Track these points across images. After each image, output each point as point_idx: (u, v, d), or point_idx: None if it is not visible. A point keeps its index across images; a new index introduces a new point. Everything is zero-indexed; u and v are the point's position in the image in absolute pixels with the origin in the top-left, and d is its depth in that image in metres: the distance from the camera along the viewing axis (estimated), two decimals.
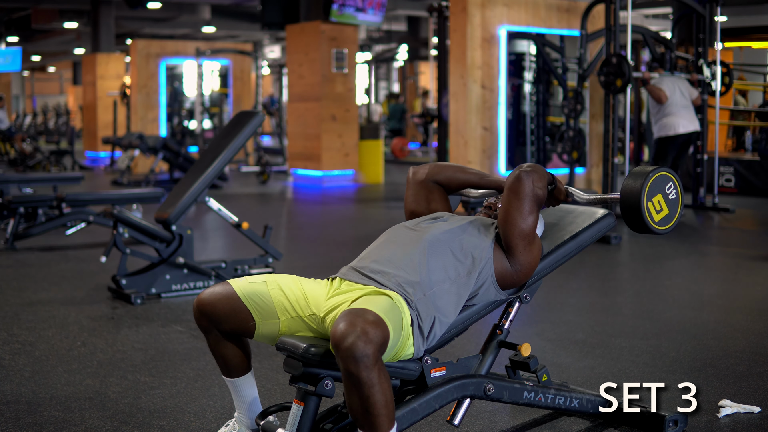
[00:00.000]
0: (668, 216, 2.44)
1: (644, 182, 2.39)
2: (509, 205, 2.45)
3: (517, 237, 2.45)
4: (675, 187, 2.44)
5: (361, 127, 12.88)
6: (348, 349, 2.04)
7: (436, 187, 2.73)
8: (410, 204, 2.73)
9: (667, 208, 2.43)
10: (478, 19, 8.70)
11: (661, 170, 2.41)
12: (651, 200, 2.39)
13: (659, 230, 2.43)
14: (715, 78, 8.66)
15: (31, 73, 36.23)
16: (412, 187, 2.74)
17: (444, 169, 2.74)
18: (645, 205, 2.38)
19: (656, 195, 2.41)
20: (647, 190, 2.39)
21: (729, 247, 6.97)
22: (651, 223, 2.40)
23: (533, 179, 2.45)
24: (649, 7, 16.42)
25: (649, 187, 2.39)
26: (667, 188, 2.43)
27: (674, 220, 2.45)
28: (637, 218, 2.40)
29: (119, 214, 4.88)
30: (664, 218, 2.43)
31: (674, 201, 2.44)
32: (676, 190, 2.44)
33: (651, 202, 2.39)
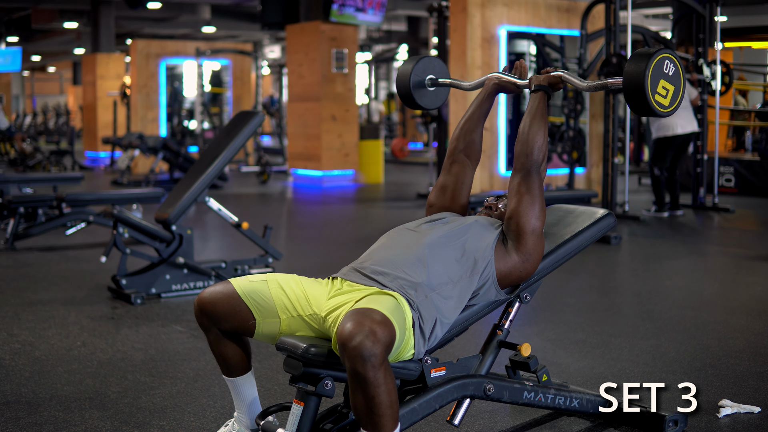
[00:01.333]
0: (675, 92, 2.40)
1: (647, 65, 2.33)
2: (522, 201, 2.49)
3: (531, 233, 2.49)
4: (671, 61, 2.39)
5: (361, 127, 12.88)
6: (356, 349, 2.04)
7: (463, 165, 2.76)
8: (432, 196, 2.78)
9: (672, 84, 2.39)
10: (478, 19, 8.71)
11: (660, 53, 2.37)
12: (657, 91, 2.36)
13: (667, 111, 2.40)
14: (715, 78, 8.67)
15: (31, 73, 36.24)
16: (441, 177, 2.79)
17: (455, 134, 2.78)
18: (650, 91, 2.34)
19: (659, 81, 2.37)
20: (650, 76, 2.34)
21: (729, 247, 6.97)
22: (660, 109, 2.37)
23: (542, 173, 2.52)
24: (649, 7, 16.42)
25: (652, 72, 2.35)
26: (665, 68, 2.38)
27: (681, 92, 2.41)
28: (642, 102, 2.36)
29: (119, 214, 4.88)
30: (672, 96, 2.40)
31: (675, 74, 2.40)
32: (674, 63, 2.40)
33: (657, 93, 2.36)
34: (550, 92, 2.60)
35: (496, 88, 2.76)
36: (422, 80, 2.91)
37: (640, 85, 2.34)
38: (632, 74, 2.36)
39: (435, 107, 2.97)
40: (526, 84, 2.69)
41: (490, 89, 2.76)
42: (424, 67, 2.90)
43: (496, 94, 2.78)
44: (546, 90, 2.59)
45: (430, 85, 2.92)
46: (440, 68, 2.94)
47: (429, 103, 2.94)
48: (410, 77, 2.87)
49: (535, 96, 2.58)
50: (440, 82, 2.92)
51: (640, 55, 2.37)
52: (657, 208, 8.31)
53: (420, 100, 2.92)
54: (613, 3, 7.82)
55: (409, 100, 2.92)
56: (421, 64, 2.90)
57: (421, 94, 2.92)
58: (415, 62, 2.89)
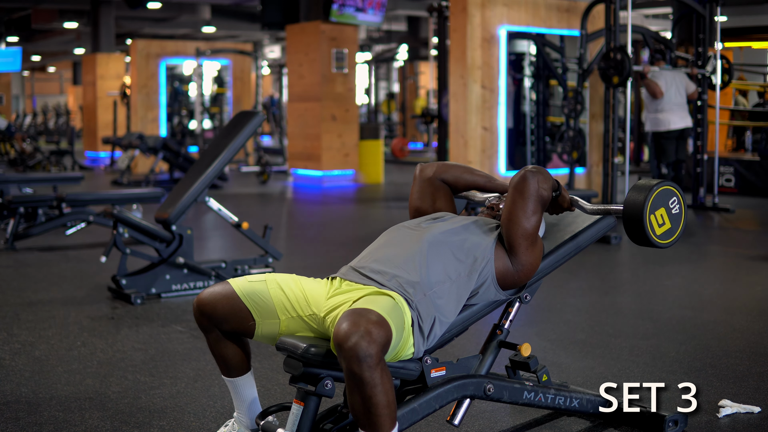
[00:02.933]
0: (670, 230, 2.45)
1: (648, 195, 2.39)
2: (513, 204, 2.44)
3: (521, 236, 2.44)
4: (678, 201, 2.45)
5: (361, 127, 12.88)
6: (351, 349, 2.04)
7: (442, 185, 2.72)
8: (415, 201, 2.72)
9: (670, 222, 2.44)
10: (478, 19, 8.70)
11: (664, 184, 2.42)
12: (654, 213, 2.40)
13: (660, 244, 2.44)
14: (716, 72, 8.66)
15: (31, 73, 36.23)
16: (418, 184, 2.73)
17: (452, 168, 2.73)
18: (648, 219, 2.39)
19: (659, 209, 2.42)
20: (650, 204, 2.40)
21: (729, 247, 6.97)
22: (653, 237, 2.41)
23: (538, 180, 2.45)
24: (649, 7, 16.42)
25: (653, 201, 2.40)
26: (671, 202, 2.44)
27: (676, 235, 2.46)
28: (639, 231, 2.41)
29: (119, 214, 4.88)
30: (666, 232, 2.44)
31: (677, 216, 2.45)
32: (680, 205, 2.45)
33: (654, 216, 2.40)
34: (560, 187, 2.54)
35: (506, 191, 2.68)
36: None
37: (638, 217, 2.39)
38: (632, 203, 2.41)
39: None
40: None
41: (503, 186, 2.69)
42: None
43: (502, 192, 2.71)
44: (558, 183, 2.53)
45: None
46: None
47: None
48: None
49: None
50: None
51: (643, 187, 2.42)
52: None
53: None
54: (613, 3, 7.82)
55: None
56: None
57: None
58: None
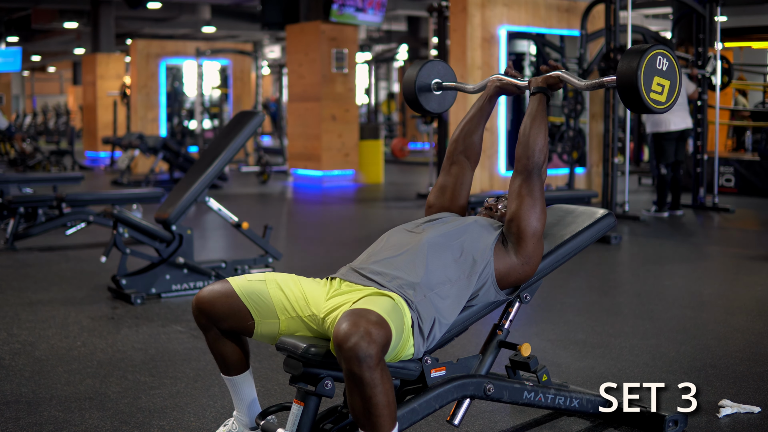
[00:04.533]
0: (671, 87, 2.40)
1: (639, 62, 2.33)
2: (523, 203, 2.49)
3: (532, 235, 2.49)
4: (665, 56, 2.38)
5: (361, 127, 12.88)
6: (351, 350, 2.04)
7: (462, 167, 2.75)
8: (431, 197, 2.78)
9: (667, 79, 2.39)
10: (478, 19, 8.70)
11: (652, 49, 2.36)
12: (651, 89, 2.35)
13: (665, 108, 2.40)
14: (715, 72, 8.66)
15: (31, 73, 36.23)
16: (440, 177, 2.78)
17: (455, 136, 2.77)
18: (642, 84, 2.34)
19: (653, 78, 2.36)
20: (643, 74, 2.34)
21: (729, 247, 6.97)
22: (656, 106, 2.37)
23: (543, 174, 2.51)
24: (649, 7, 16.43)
25: (644, 70, 2.34)
26: (659, 64, 2.38)
27: (677, 87, 2.41)
28: (635, 99, 2.36)
29: (119, 214, 4.88)
30: (668, 92, 2.40)
31: (670, 69, 2.39)
32: (667, 58, 2.39)
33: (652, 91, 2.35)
34: (549, 93, 2.60)
35: (498, 91, 2.76)
36: (428, 84, 2.90)
37: (633, 83, 2.34)
38: (625, 72, 2.35)
39: (442, 111, 2.96)
40: (526, 85, 2.68)
41: (491, 91, 2.76)
42: (429, 71, 2.90)
43: (498, 96, 2.77)
44: (545, 91, 2.59)
45: (436, 89, 2.91)
46: (445, 72, 2.93)
47: (436, 107, 2.93)
48: (416, 81, 2.87)
49: (535, 98, 2.58)
50: (445, 85, 2.91)
51: (633, 52, 2.37)
52: (657, 207, 8.31)
53: (426, 104, 2.91)
54: (613, 3, 7.82)
55: (415, 105, 2.91)
56: (426, 68, 2.89)
57: (427, 99, 2.91)
58: (420, 66, 2.88)
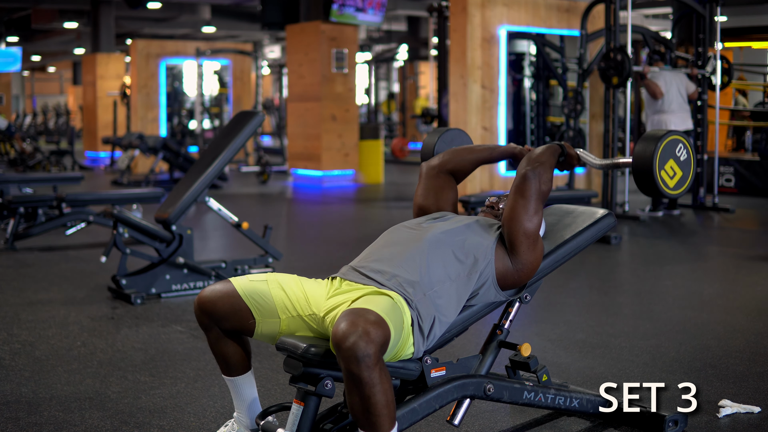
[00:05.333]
0: (682, 178, 2.45)
1: (656, 146, 2.39)
2: (515, 204, 2.46)
3: (522, 236, 2.46)
4: (685, 147, 2.45)
5: (361, 127, 12.88)
6: (349, 349, 2.04)
7: (448, 179, 2.74)
8: (419, 198, 2.75)
9: (680, 170, 2.44)
10: (478, 19, 8.70)
11: (671, 134, 2.43)
12: (664, 168, 2.41)
13: (672, 194, 2.45)
14: (715, 72, 8.66)
15: (31, 73, 36.23)
16: (424, 181, 2.76)
17: (453, 154, 2.76)
18: (657, 170, 2.39)
19: (668, 161, 2.41)
20: (659, 155, 2.39)
21: (729, 247, 6.97)
22: (664, 188, 2.42)
23: (540, 178, 2.46)
24: (649, 7, 16.43)
25: (661, 152, 2.40)
26: (677, 150, 2.44)
27: (688, 181, 2.46)
28: (649, 183, 2.42)
29: (119, 214, 4.88)
30: (679, 181, 2.44)
31: (686, 161, 2.45)
32: (687, 150, 2.45)
33: (665, 171, 2.41)
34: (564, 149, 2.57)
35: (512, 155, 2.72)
36: None
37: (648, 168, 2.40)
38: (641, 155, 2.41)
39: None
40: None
41: (505, 152, 2.73)
42: (450, 139, 2.93)
43: (509, 158, 2.74)
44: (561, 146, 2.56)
45: None
46: (463, 140, 2.97)
47: None
48: (434, 148, 2.89)
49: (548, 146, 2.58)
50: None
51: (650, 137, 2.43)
52: (652, 207, 8.31)
53: None
54: (613, 3, 7.82)
55: None
56: (446, 136, 2.92)
57: None
58: (440, 134, 2.91)
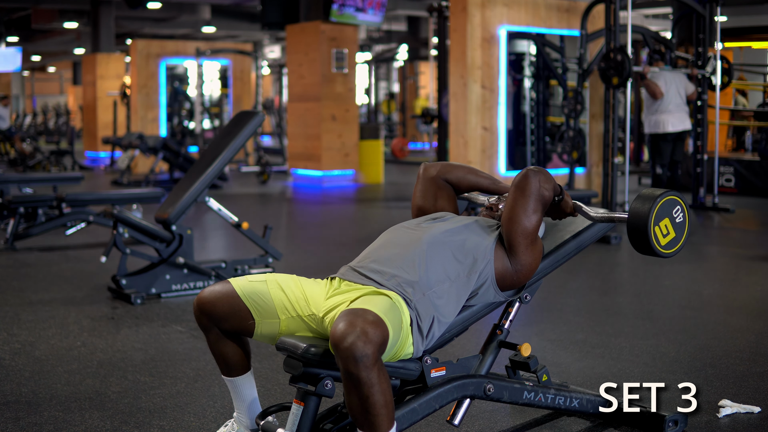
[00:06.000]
0: (674, 239, 2.45)
1: (652, 206, 2.40)
2: (514, 202, 2.45)
3: (520, 235, 2.44)
4: (682, 210, 2.46)
5: (361, 127, 12.89)
6: (347, 349, 2.04)
7: (446, 185, 2.74)
8: (418, 200, 2.74)
9: (674, 231, 2.45)
10: (478, 19, 8.70)
11: (669, 194, 2.43)
12: (658, 225, 2.41)
13: (665, 254, 2.44)
14: (715, 72, 8.66)
15: (31, 73, 36.22)
16: (421, 183, 2.75)
17: (455, 168, 2.75)
18: (652, 230, 2.40)
19: (663, 219, 2.42)
20: (655, 214, 2.40)
21: (729, 247, 6.97)
22: (657, 247, 2.42)
23: (540, 179, 2.45)
24: (649, 7, 16.43)
25: (657, 211, 2.40)
26: (674, 212, 2.44)
27: (680, 244, 2.47)
28: (643, 242, 2.41)
29: (119, 214, 4.88)
30: (671, 242, 2.44)
31: (681, 224, 2.46)
32: (683, 213, 2.46)
33: (658, 227, 2.41)
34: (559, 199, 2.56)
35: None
36: None
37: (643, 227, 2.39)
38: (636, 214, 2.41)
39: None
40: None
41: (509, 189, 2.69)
42: None
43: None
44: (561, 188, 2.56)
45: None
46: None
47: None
48: None
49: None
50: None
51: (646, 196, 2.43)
52: None
53: None
54: (613, 3, 7.82)
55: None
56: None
57: None
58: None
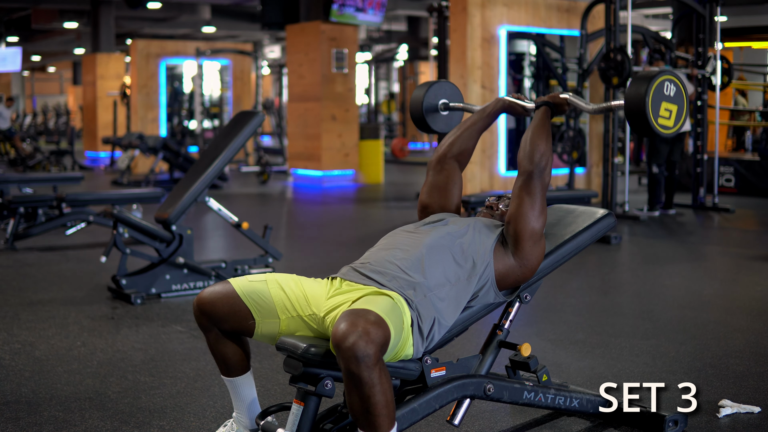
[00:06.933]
0: (678, 111, 2.43)
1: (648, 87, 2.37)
2: (522, 202, 2.48)
3: (529, 237, 2.48)
4: (671, 82, 2.42)
5: (361, 127, 12.89)
6: (349, 349, 2.04)
7: (453, 171, 2.74)
8: (424, 196, 2.75)
9: (674, 104, 2.42)
10: (478, 19, 8.71)
11: (661, 75, 2.40)
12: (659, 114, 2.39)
13: (670, 132, 2.43)
14: (715, 72, 8.66)
15: (31, 73, 36.23)
16: (429, 178, 2.76)
17: (453, 134, 2.76)
18: (650, 110, 2.37)
19: (661, 103, 2.40)
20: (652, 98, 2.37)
21: (729, 247, 6.97)
22: (659, 128, 2.40)
23: (543, 172, 2.49)
24: (649, 7, 16.43)
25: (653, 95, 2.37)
26: (666, 90, 2.41)
27: (685, 111, 2.44)
28: (643, 123, 2.39)
29: (119, 214, 4.88)
30: (676, 116, 2.43)
31: (677, 94, 2.43)
32: (674, 83, 2.42)
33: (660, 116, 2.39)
34: (553, 108, 2.61)
35: (503, 108, 2.76)
36: (435, 105, 2.93)
37: (641, 109, 2.37)
38: (633, 97, 2.39)
39: (448, 131, 2.97)
40: (533, 107, 2.70)
41: (496, 107, 2.77)
42: (437, 92, 2.92)
43: (501, 112, 2.78)
44: (549, 105, 2.60)
45: (443, 109, 2.94)
46: (452, 92, 2.96)
47: (442, 126, 2.97)
48: (423, 102, 2.89)
49: (539, 111, 2.61)
50: (452, 106, 2.94)
51: (641, 78, 2.41)
52: (648, 207, 8.32)
53: (433, 124, 2.94)
54: (613, 3, 7.82)
55: (422, 124, 2.94)
56: (434, 89, 2.92)
57: (434, 119, 2.94)
58: (427, 87, 2.91)
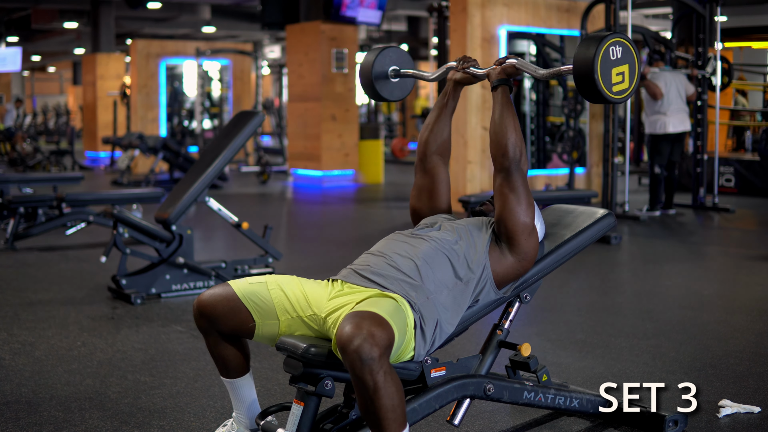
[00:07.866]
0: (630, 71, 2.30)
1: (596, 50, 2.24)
2: (507, 200, 2.46)
3: (522, 232, 2.47)
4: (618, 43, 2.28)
5: (361, 127, 12.89)
6: (354, 352, 2.04)
7: (436, 169, 2.69)
8: (413, 200, 2.74)
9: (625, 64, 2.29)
10: (478, 19, 8.70)
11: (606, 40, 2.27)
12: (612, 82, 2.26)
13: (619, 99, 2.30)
14: (715, 73, 8.66)
15: (31, 73, 36.22)
16: (415, 181, 2.74)
17: (425, 136, 2.69)
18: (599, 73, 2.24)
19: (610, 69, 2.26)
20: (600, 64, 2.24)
21: (729, 247, 6.97)
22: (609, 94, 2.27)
23: (521, 165, 2.45)
24: (649, 7, 16.42)
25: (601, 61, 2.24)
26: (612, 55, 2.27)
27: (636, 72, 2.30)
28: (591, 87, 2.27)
29: (119, 214, 4.88)
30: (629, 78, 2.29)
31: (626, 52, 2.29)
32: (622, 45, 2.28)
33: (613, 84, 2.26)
34: (510, 84, 2.53)
35: (456, 85, 2.69)
36: (385, 71, 2.83)
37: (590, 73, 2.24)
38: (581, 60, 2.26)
39: (399, 99, 2.88)
40: (484, 74, 2.60)
41: (450, 87, 2.70)
42: (386, 58, 2.82)
43: (459, 90, 2.71)
44: (506, 83, 2.52)
45: (393, 76, 2.84)
46: (404, 59, 2.86)
47: (392, 94, 2.85)
48: (372, 68, 2.79)
49: (497, 93, 2.51)
50: (402, 72, 2.84)
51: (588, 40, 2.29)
52: (649, 206, 8.32)
53: (383, 91, 2.83)
54: (613, 3, 7.82)
55: (371, 91, 2.83)
56: (383, 55, 2.81)
57: (384, 86, 2.83)
58: (377, 53, 2.80)
